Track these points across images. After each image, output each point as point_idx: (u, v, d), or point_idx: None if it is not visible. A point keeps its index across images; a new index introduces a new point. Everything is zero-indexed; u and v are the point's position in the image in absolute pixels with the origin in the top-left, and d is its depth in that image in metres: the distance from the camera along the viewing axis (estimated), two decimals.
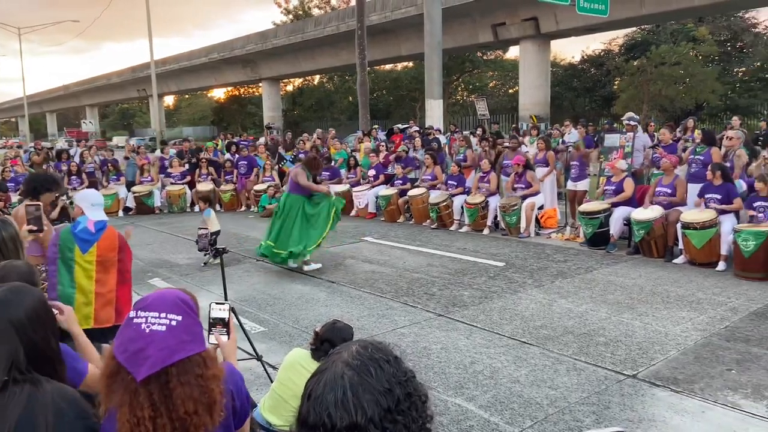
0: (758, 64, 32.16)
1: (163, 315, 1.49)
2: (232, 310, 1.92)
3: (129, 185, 14.02)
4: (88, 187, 13.58)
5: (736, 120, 12.15)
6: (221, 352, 1.86)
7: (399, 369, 1.08)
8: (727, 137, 8.89)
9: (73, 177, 13.33)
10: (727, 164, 7.99)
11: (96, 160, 14.74)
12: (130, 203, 13.69)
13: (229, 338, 1.85)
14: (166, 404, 1.45)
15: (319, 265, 7.86)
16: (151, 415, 1.44)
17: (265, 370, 4.34)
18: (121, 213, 13.51)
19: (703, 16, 29.97)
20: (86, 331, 2.50)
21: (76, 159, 14.71)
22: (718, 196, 7.47)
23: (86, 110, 69.84)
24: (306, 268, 7.79)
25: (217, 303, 1.87)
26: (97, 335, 3.18)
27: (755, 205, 7.10)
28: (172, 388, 1.45)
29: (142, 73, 50.05)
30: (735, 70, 33.69)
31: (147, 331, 1.47)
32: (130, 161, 14.78)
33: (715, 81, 29.35)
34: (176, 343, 1.47)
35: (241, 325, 4.35)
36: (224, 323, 1.87)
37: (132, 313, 1.53)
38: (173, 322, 1.49)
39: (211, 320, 1.87)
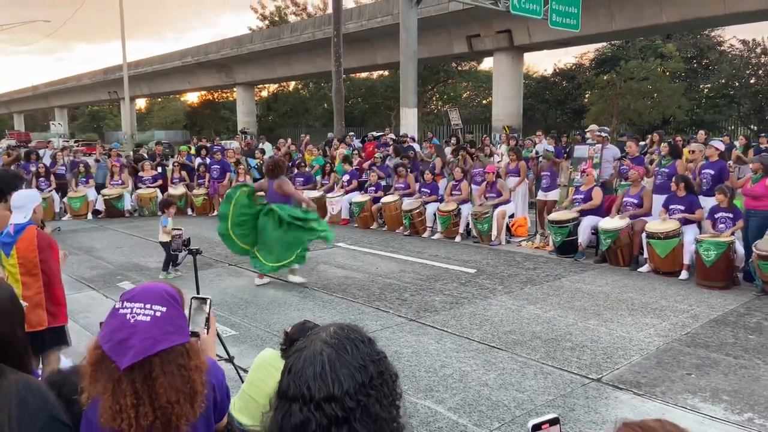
0: (723, 80, 33.16)
1: (148, 306, 1.52)
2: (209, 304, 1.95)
3: (99, 188, 13.81)
4: (56, 190, 13.41)
5: (701, 134, 12.52)
6: (201, 345, 1.84)
7: (372, 349, 1.17)
8: (689, 150, 9.18)
9: (42, 179, 13.09)
10: (690, 176, 8.25)
11: (66, 162, 14.50)
12: (100, 206, 13.49)
13: (208, 333, 1.88)
14: (148, 393, 1.48)
15: (304, 279, 7.52)
16: (133, 402, 1.47)
17: (238, 372, 4.35)
18: (90, 216, 13.30)
19: (670, 34, 30.85)
20: None
21: (46, 161, 14.45)
22: (682, 207, 7.71)
23: (55, 111, 68.42)
24: (292, 278, 7.49)
25: (196, 298, 1.90)
26: (33, 340, 3.06)
27: (716, 216, 7.34)
28: (155, 377, 1.48)
29: (114, 75, 49.27)
30: (701, 86, 34.70)
31: (132, 321, 1.50)
32: (100, 164, 14.57)
33: (681, 96, 30.20)
34: (160, 333, 1.50)
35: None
36: (204, 318, 1.89)
37: (118, 304, 1.55)
38: (158, 313, 1.52)
39: (190, 314, 1.88)
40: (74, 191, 13.46)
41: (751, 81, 32.90)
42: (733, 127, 31.30)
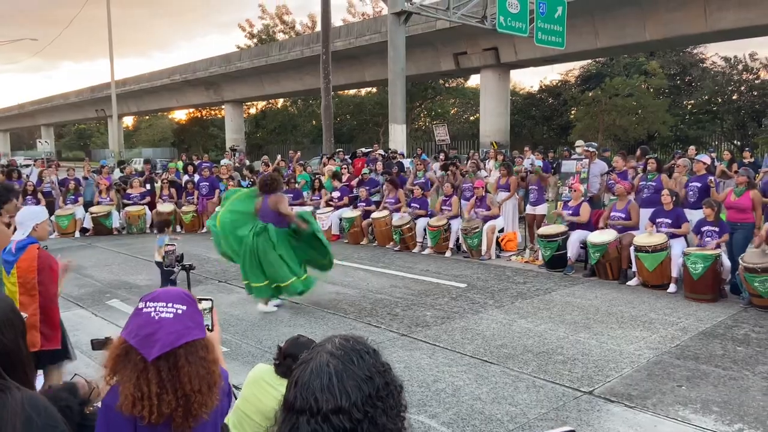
0: (706, 97, 33.73)
1: (170, 305, 1.67)
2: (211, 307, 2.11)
3: (87, 206, 13.72)
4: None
5: (692, 149, 12.65)
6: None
7: (378, 360, 1.17)
8: (676, 165, 9.33)
9: (29, 197, 12.98)
10: (676, 190, 8.37)
11: (54, 180, 14.41)
12: (88, 224, 13.39)
13: (212, 330, 2.00)
14: (172, 382, 1.60)
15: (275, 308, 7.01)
16: (157, 391, 1.58)
17: (230, 389, 4.31)
18: (77, 234, 13.19)
19: (654, 51, 31.39)
20: None
21: (33, 179, 14.35)
22: (669, 221, 7.81)
23: (41, 130, 68.02)
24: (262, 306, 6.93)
25: (200, 299, 2.01)
26: None
27: (703, 229, 7.44)
28: (180, 367, 1.61)
29: (101, 93, 49.17)
30: (684, 102, 35.27)
31: (156, 318, 1.63)
32: (88, 181, 14.49)
33: (665, 113, 30.68)
34: (183, 328, 1.64)
35: None
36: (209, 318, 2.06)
37: (141, 305, 1.68)
38: (179, 311, 1.66)
39: None
40: (63, 209, 13.36)
41: (734, 97, 33.49)
42: (716, 143, 31.78)
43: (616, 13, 21.71)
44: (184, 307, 1.68)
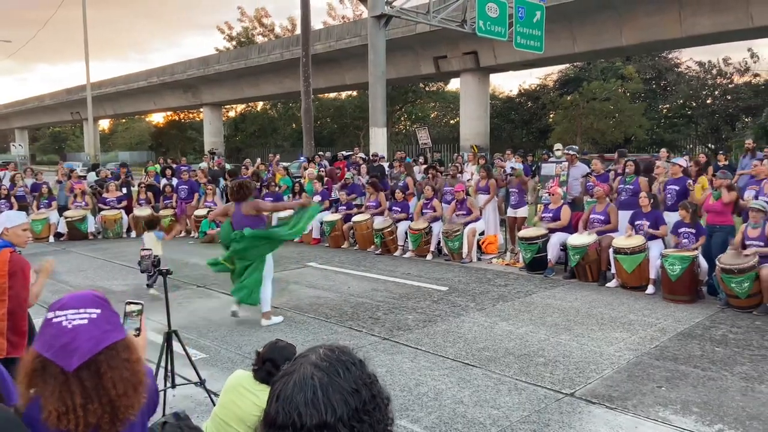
0: (681, 101, 34.30)
1: (82, 310, 1.58)
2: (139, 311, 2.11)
3: (61, 210, 13.46)
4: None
5: (663, 152, 12.89)
6: None
7: (364, 372, 1.11)
8: (656, 166, 9.46)
9: (2, 201, 12.71)
10: (655, 192, 8.47)
11: (27, 184, 14.12)
12: (62, 228, 13.13)
13: (139, 335, 1.98)
14: (97, 390, 1.53)
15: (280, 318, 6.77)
16: (82, 402, 1.51)
17: (209, 396, 4.24)
18: (52, 239, 12.94)
19: (630, 56, 31.85)
20: None
21: (6, 182, 14.04)
22: (647, 223, 7.89)
23: (16, 133, 66.76)
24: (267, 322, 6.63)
25: (129, 302, 2.02)
26: None
27: (680, 231, 7.53)
28: (103, 373, 1.55)
29: (76, 96, 48.43)
30: (660, 106, 35.83)
31: (69, 326, 1.55)
32: (62, 185, 14.23)
33: (641, 116, 31.13)
34: (100, 332, 1.57)
35: (185, 350, 4.25)
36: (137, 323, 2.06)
37: (50, 314, 1.59)
38: (94, 315, 1.59)
39: (124, 315, 2.05)
40: (36, 214, 13.10)
41: (708, 101, 34.11)
42: (691, 146, 32.33)
43: (593, 18, 21.98)
44: (98, 311, 1.61)
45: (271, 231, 6.70)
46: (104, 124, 67.73)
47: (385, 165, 14.94)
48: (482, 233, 10.29)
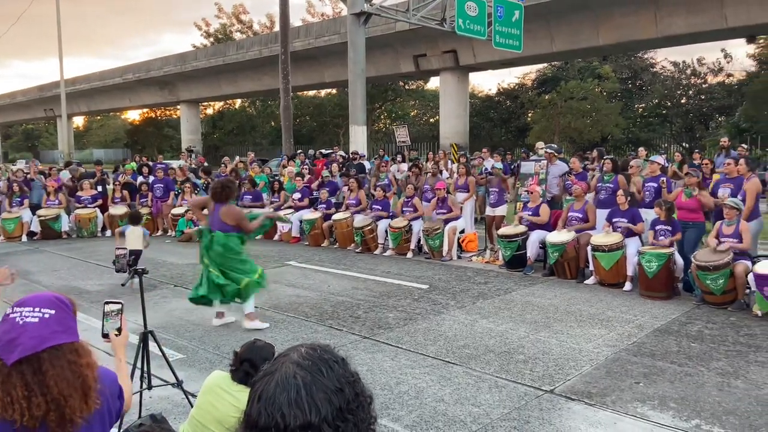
0: (656, 100, 34.87)
1: (37, 309, 1.66)
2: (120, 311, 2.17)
3: (34, 208, 13.17)
4: None
5: (641, 151, 13.03)
6: (112, 344, 2.15)
7: (347, 370, 1.09)
8: (630, 165, 9.55)
9: None
10: (632, 190, 8.56)
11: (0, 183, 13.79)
12: (35, 227, 12.85)
13: (120, 334, 2.07)
14: (39, 385, 1.60)
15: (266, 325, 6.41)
16: (24, 394, 1.59)
17: (187, 397, 4.17)
18: (24, 238, 12.65)
19: (606, 56, 32.23)
20: None
21: None
22: (625, 220, 7.98)
23: None
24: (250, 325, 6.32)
25: (108, 302, 2.05)
26: None
27: (656, 228, 7.62)
28: (45, 371, 1.61)
29: (50, 93, 47.55)
30: (636, 105, 36.35)
31: (21, 323, 1.63)
32: (35, 183, 13.92)
33: (618, 116, 31.55)
34: (48, 332, 1.64)
35: (162, 351, 4.17)
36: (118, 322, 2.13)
37: (9, 310, 1.68)
38: (46, 315, 1.66)
39: (104, 315, 2.11)
40: (8, 212, 12.80)
41: (682, 101, 34.71)
42: (666, 145, 32.85)
43: (570, 18, 22.19)
44: (53, 311, 1.67)
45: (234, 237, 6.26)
46: (78, 121, 66.54)
47: (366, 163, 14.90)
48: (463, 231, 10.31)
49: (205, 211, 6.47)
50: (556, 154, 10.23)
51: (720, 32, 20.82)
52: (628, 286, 7.69)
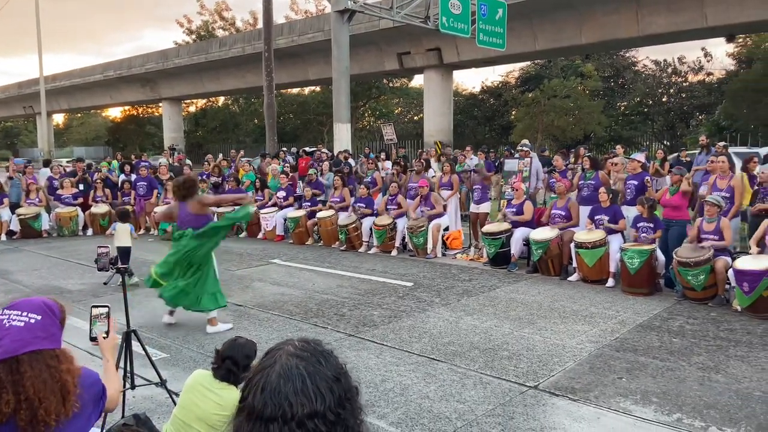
0: (638, 99, 35.17)
1: (24, 314, 1.73)
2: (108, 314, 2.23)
3: (13, 207, 12.96)
4: None
5: (619, 148, 13.19)
6: (100, 347, 2.20)
7: (338, 361, 1.13)
8: (611, 163, 9.65)
9: None
10: (613, 187, 8.65)
11: None
12: (15, 226, 12.65)
13: (107, 337, 2.14)
14: (14, 384, 1.66)
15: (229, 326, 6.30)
16: None
17: (171, 396, 4.13)
18: (3, 237, 12.45)
19: (589, 54, 32.48)
20: None
21: None
22: (607, 217, 8.05)
23: None
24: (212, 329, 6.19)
25: (95, 306, 2.09)
26: None
27: (638, 225, 7.71)
28: (23, 372, 1.67)
29: (29, 90, 46.81)
30: (618, 104, 36.67)
31: (6, 325, 1.70)
32: (14, 181, 13.70)
33: (600, 114, 31.78)
34: (30, 337, 1.70)
35: (145, 350, 4.13)
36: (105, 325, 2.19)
37: None
38: (32, 320, 1.72)
39: (91, 319, 2.15)
40: None
41: (663, 99, 35.08)
42: (647, 143, 33.19)
43: (553, 16, 22.32)
44: (38, 317, 1.73)
45: (212, 223, 6.30)
46: (59, 118, 65.63)
47: (351, 161, 14.87)
48: (447, 229, 10.34)
49: (170, 220, 6.42)
50: (529, 151, 10.37)
51: (700, 31, 21.07)
52: (610, 282, 7.77)
